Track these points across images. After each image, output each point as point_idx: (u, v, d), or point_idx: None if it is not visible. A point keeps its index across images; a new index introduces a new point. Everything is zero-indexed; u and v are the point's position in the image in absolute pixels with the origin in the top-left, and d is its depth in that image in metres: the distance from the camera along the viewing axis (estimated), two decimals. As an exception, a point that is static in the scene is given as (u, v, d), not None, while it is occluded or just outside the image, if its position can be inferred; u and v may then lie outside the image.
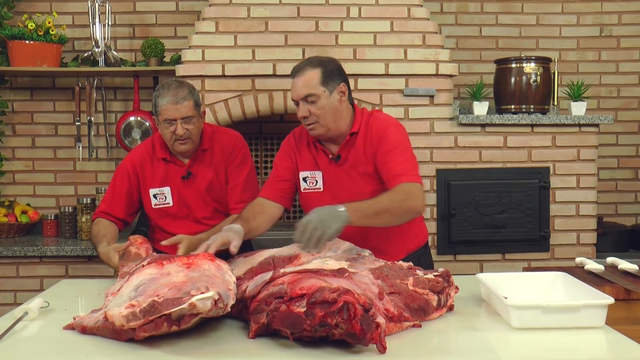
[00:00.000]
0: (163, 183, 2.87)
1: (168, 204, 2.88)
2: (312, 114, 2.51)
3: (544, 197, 4.02)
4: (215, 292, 1.70)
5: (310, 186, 2.65)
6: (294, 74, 2.56)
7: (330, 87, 2.52)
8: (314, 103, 2.50)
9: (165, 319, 1.67)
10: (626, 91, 4.78)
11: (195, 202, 2.87)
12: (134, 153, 2.96)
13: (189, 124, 2.74)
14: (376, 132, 2.58)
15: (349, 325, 1.61)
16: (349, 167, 2.60)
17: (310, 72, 2.52)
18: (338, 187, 2.60)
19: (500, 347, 1.81)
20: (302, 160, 2.69)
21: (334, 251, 2.20)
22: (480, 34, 4.72)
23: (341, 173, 2.61)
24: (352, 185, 2.58)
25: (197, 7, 4.40)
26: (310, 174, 2.65)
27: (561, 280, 2.17)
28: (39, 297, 2.18)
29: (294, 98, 2.56)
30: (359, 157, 2.59)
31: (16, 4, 4.41)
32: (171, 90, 2.74)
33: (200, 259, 1.95)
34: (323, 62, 2.58)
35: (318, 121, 2.53)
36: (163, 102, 2.72)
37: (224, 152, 2.90)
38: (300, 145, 2.72)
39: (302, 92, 2.51)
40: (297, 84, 2.54)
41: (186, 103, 2.72)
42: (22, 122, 4.51)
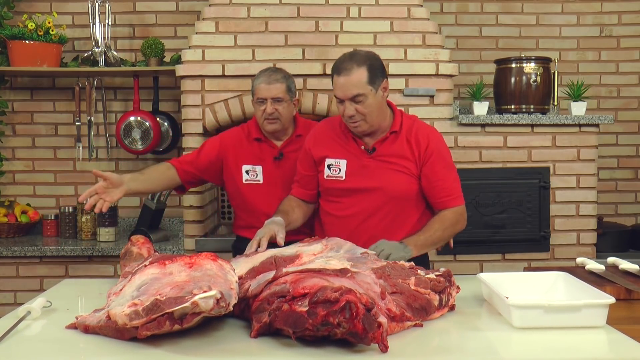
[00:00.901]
0: (256, 161, 3.05)
1: (258, 181, 3.04)
2: (359, 112, 2.56)
3: (544, 197, 4.02)
4: (218, 291, 1.70)
5: (333, 174, 2.72)
6: (339, 71, 2.55)
7: (376, 86, 2.56)
8: (362, 102, 2.54)
9: (167, 318, 1.67)
10: (626, 91, 4.79)
11: (283, 182, 2.99)
12: (229, 132, 3.18)
13: (279, 105, 2.95)
14: (426, 140, 2.67)
15: (351, 324, 1.61)
16: (383, 160, 2.66)
17: (357, 71, 2.53)
18: (361, 176, 2.67)
19: (501, 346, 1.81)
20: (329, 148, 2.75)
21: (335, 251, 2.20)
22: (480, 34, 4.72)
23: (372, 164, 2.67)
24: (382, 175, 2.65)
25: (197, 7, 4.40)
26: (334, 162, 2.72)
27: (562, 280, 2.18)
28: (42, 297, 2.18)
29: (340, 97, 2.57)
30: (397, 153, 2.66)
31: (16, 4, 4.41)
32: (267, 72, 3.03)
33: (203, 259, 1.95)
34: (369, 58, 2.59)
35: (365, 119, 2.58)
36: (257, 82, 2.99)
37: None
38: (330, 133, 2.78)
39: (350, 93, 2.53)
40: (344, 84, 2.54)
41: (278, 85, 2.96)
42: (22, 122, 4.51)
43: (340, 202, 2.72)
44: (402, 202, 2.68)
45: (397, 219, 2.68)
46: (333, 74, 2.58)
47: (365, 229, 2.65)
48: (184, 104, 3.90)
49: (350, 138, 2.70)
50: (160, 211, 4.20)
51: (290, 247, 2.30)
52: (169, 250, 3.98)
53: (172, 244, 4.12)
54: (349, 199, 2.69)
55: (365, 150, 2.68)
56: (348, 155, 2.69)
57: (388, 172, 2.65)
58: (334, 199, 2.74)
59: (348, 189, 2.68)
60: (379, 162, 2.66)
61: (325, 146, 2.75)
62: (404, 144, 2.67)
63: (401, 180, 2.65)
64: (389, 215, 2.67)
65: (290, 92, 3.01)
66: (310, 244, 2.31)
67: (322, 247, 2.25)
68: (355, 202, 2.68)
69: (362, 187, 2.66)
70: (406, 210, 2.70)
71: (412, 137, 2.67)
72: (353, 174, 2.68)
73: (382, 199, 2.66)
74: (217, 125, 3.92)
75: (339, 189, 2.70)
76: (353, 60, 2.55)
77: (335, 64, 2.59)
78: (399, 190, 2.65)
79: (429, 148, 2.66)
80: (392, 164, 2.66)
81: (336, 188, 2.71)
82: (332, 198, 2.75)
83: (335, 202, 2.74)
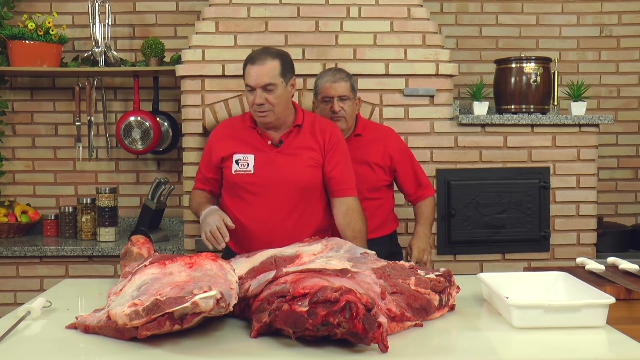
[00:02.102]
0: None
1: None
2: (268, 102, 2.68)
3: (544, 197, 4.02)
4: (218, 291, 1.70)
5: (241, 168, 2.79)
6: (253, 61, 2.69)
7: (286, 79, 2.72)
8: (272, 92, 2.67)
9: (167, 318, 1.67)
10: (626, 91, 4.79)
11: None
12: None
13: (343, 103, 3.12)
14: (329, 131, 2.85)
15: (351, 324, 1.61)
16: (290, 153, 2.78)
17: (272, 62, 2.68)
18: (269, 170, 2.76)
19: (501, 346, 1.81)
20: (236, 144, 2.83)
21: (335, 251, 2.20)
22: (480, 34, 4.72)
23: (279, 157, 2.78)
24: (290, 167, 2.76)
25: (197, 7, 4.40)
26: (242, 157, 2.80)
27: (562, 280, 2.18)
28: (42, 297, 2.18)
29: (252, 85, 2.68)
30: (303, 145, 2.80)
31: (16, 4, 4.41)
32: (331, 71, 3.21)
33: (203, 259, 1.95)
34: (281, 54, 2.76)
35: (273, 109, 2.70)
36: (322, 81, 3.16)
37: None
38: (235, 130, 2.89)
39: (262, 81, 2.66)
40: (258, 72, 2.67)
41: (343, 84, 3.13)
42: (22, 122, 4.51)
43: (249, 197, 2.77)
44: (309, 193, 2.80)
45: (307, 210, 2.80)
46: (246, 64, 2.70)
47: (279, 223, 2.74)
48: (184, 104, 3.90)
49: (256, 133, 2.80)
50: (160, 211, 4.20)
51: (290, 247, 2.30)
52: (169, 250, 3.99)
53: (172, 244, 4.12)
54: (259, 193, 2.75)
55: (272, 145, 2.78)
56: (255, 150, 2.78)
57: (296, 164, 2.77)
58: (244, 194, 2.78)
59: (257, 183, 2.75)
60: (286, 155, 2.77)
61: (232, 143, 2.82)
62: (307, 135, 2.81)
63: (308, 171, 2.78)
64: (299, 207, 2.78)
65: (353, 90, 3.17)
66: (310, 244, 2.31)
67: (322, 247, 2.25)
68: (265, 195, 2.75)
69: (271, 180, 2.74)
70: (313, 201, 2.82)
71: (316, 129, 2.84)
72: (262, 168, 2.75)
73: (292, 191, 2.75)
74: (217, 125, 3.92)
75: (248, 183, 2.76)
76: (267, 53, 2.72)
77: (250, 56, 2.73)
78: (306, 182, 2.77)
79: (332, 138, 2.84)
80: (299, 156, 2.78)
81: (245, 182, 2.76)
82: (241, 193, 2.79)
83: (244, 198, 2.78)
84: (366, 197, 3.09)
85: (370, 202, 3.14)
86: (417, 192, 3.30)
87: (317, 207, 2.85)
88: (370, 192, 3.17)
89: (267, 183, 2.74)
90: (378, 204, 3.22)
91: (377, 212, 3.18)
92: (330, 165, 2.82)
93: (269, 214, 2.74)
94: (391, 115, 3.93)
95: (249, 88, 2.70)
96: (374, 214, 3.12)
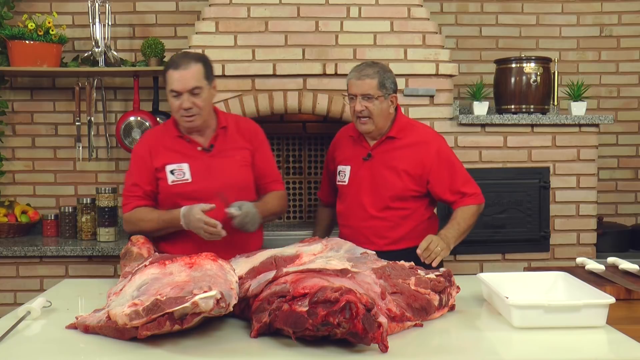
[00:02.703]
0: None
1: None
2: (196, 105, 2.66)
3: (544, 197, 4.02)
4: (218, 291, 1.70)
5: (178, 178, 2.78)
6: (177, 65, 2.66)
7: (209, 82, 2.72)
8: (199, 95, 2.65)
9: (167, 318, 1.67)
10: (626, 91, 4.78)
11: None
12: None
13: (368, 102, 2.84)
14: (253, 129, 2.91)
15: (351, 324, 1.61)
16: (223, 155, 2.78)
17: (196, 65, 2.66)
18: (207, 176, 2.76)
19: (501, 346, 1.81)
20: (167, 155, 2.79)
21: (335, 251, 2.21)
22: (480, 34, 4.72)
23: (214, 161, 2.78)
24: (226, 170, 2.77)
25: (197, 7, 4.39)
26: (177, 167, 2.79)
27: (562, 280, 2.18)
28: (42, 297, 2.18)
29: (178, 89, 2.65)
30: (233, 146, 2.82)
31: (16, 4, 4.40)
32: (361, 66, 2.91)
33: (203, 259, 1.95)
34: (203, 57, 2.80)
35: (200, 113, 2.69)
36: (349, 76, 2.91)
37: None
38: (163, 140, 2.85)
39: (189, 85, 2.63)
40: (184, 76, 2.64)
41: (368, 81, 2.84)
42: (22, 122, 4.50)
43: (190, 204, 2.69)
44: (246, 192, 2.81)
45: None
46: (169, 69, 2.66)
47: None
48: (184, 104, 3.90)
49: (184, 141, 2.77)
50: (160, 211, 4.19)
51: (290, 247, 2.31)
52: (169, 250, 3.98)
53: (172, 244, 4.11)
54: (200, 199, 2.69)
55: (203, 150, 2.76)
56: (188, 158, 2.75)
57: (231, 166, 2.77)
58: (184, 202, 2.70)
59: (197, 190, 2.72)
60: (220, 159, 2.77)
61: (162, 153, 2.77)
62: (235, 136, 2.82)
63: (243, 171, 2.80)
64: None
65: (384, 88, 2.85)
66: (310, 244, 2.31)
67: (322, 247, 2.25)
68: (206, 200, 2.68)
69: (210, 185, 2.72)
70: (249, 200, 2.78)
71: (241, 128, 2.86)
72: (198, 175, 2.73)
73: (231, 193, 2.73)
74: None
75: (187, 192, 2.72)
76: (189, 57, 2.70)
77: (171, 61, 2.68)
78: (243, 182, 2.80)
79: (258, 136, 2.89)
80: (232, 157, 2.79)
81: (184, 192, 2.73)
82: (181, 202, 2.71)
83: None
84: (389, 206, 2.89)
85: (394, 212, 2.90)
86: (458, 201, 2.95)
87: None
88: (394, 201, 2.90)
89: (207, 189, 2.71)
90: (403, 214, 2.91)
91: (402, 223, 2.90)
92: (260, 163, 2.87)
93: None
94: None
95: (174, 93, 2.66)
96: (398, 225, 2.90)
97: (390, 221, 2.88)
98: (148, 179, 2.78)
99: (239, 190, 2.77)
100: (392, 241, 2.85)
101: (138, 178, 2.79)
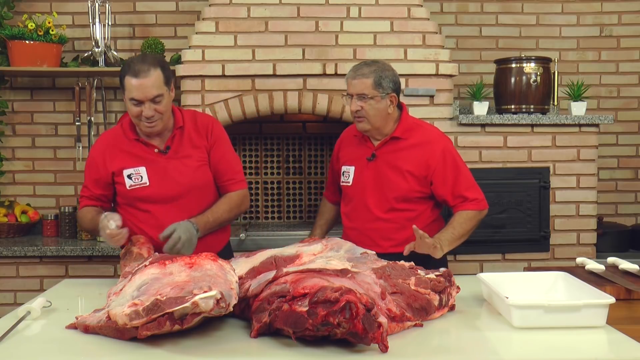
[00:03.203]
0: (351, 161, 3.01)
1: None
2: (157, 112, 2.60)
3: (544, 197, 4.02)
4: (218, 291, 1.70)
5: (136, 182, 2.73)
6: (136, 74, 2.56)
7: (169, 86, 2.65)
8: (160, 102, 2.59)
9: (167, 318, 1.67)
10: (626, 91, 4.78)
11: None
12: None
13: (363, 102, 2.78)
14: (210, 126, 2.82)
15: (351, 324, 1.61)
16: (180, 157, 2.73)
17: (155, 72, 2.58)
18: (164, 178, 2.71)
19: (501, 346, 1.81)
20: (123, 159, 2.73)
21: (335, 251, 2.21)
22: (480, 34, 4.72)
23: (171, 164, 2.73)
24: (183, 172, 2.72)
25: (197, 7, 4.39)
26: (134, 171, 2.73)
27: (562, 280, 2.18)
28: (42, 297, 2.18)
29: (139, 98, 2.57)
30: (190, 145, 2.76)
31: (16, 4, 4.40)
32: (358, 65, 2.83)
33: (203, 259, 1.95)
34: (160, 61, 2.67)
35: (162, 118, 2.64)
36: (346, 75, 2.83)
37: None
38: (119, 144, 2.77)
39: (151, 93, 2.56)
40: (144, 85, 2.56)
41: (364, 80, 2.76)
42: (22, 122, 4.51)
43: (149, 207, 2.70)
44: (205, 192, 2.78)
45: (199, 207, 2.74)
46: (126, 75, 2.57)
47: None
48: (184, 104, 3.90)
49: (141, 144, 2.72)
50: (160, 211, 4.19)
51: (290, 247, 2.31)
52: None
53: (172, 244, 4.11)
54: (159, 201, 2.70)
55: (160, 152, 2.72)
56: (145, 162, 2.71)
57: (188, 167, 2.73)
58: (143, 205, 2.71)
59: (155, 193, 2.69)
60: (177, 160, 2.73)
61: (119, 157, 2.72)
62: (192, 134, 2.77)
63: (201, 171, 2.75)
64: (200, 208, 2.73)
65: (380, 87, 2.76)
66: (310, 244, 2.31)
67: (322, 247, 2.25)
68: (165, 202, 2.70)
69: (168, 187, 2.69)
70: (209, 199, 2.79)
71: (199, 126, 2.79)
72: (156, 178, 2.70)
73: (190, 194, 2.72)
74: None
75: (146, 196, 2.70)
76: (148, 63, 2.58)
77: (130, 68, 2.58)
78: (202, 182, 2.76)
79: (214, 133, 2.80)
80: (189, 157, 2.74)
81: (143, 195, 2.70)
82: (140, 205, 2.72)
83: (145, 210, 2.72)
84: (394, 208, 2.84)
85: (399, 214, 2.84)
86: (459, 205, 2.86)
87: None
88: (399, 203, 2.84)
89: (165, 192, 2.69)
90: (408, 216, 2.85)
91: (406, 225, 2.77)
92: (215, 160, 2.80)
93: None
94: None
95: (134, 102, 2.58)
96: (403, 226, 2.81)
97: (396, 223, 2.84)
98: (98, 183, 2.76)
99: (198, 190, 2.75)
100: (398, 243, 2.77)
101: (88, 181, 2.80)
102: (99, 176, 2.75)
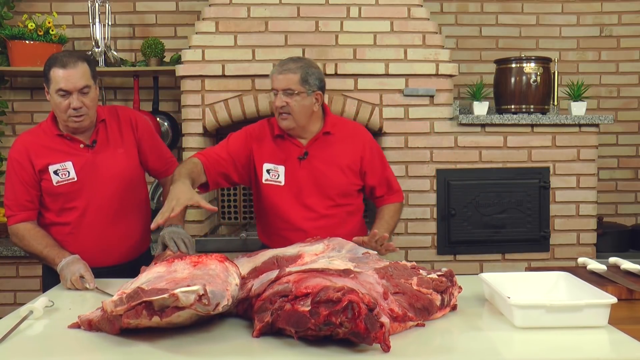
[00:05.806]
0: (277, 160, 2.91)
1: (279, 183, 2.95)
2: (85, 105, 2.61)
3: (544, 197, 4.02)
4: (201, 287, 1.68)
5: (63, 178, 2.70)
6: (64, 65, 2.57)
7: (95, 80, 2.68)
8: (87, 95, 2.61)
9: (145, 307, 1.66)
10: (626, 91, 4.79)
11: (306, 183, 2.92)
12: (253, 125, 2.97)
13: (289, 98, 2.73)
14: (134, 122, 2.84)
15: (354, 324, 1.61)
16: (105, 151, 2.74)
17: (82, 64, 2.60)
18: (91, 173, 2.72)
19: (503, 346, 1.81)
20: (50, 155, 2.71)
21: (337, 251, 2.20)
22: (480, 34, 4.73)
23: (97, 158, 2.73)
24: (110, 166, 2.74)
25: (197, 7, 4.40)
26: (60, 166, 2.70)
27: (564, 280, 2.18)
28: (44, 297, 2.18)
29: (68, 89, 2.58)
30: (114, 141, 2.77)
31: (16, 4, 4.40)
32: (286, 60, 2.80)
33: (210, 259, 1.95)
34: (87, 56, 2.70)
35: (88, 112, 2.65)
36: (272, 70, 2.78)
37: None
38: (46, 141, 2.74)
39: (80, 84, 2.58)
40: (73, 75, 2.58)
41: (290, 75, 2.73)
42: (22, 122, 4.50)
43: (77, 203, 2.70)
44: (133, 186, 2.80)
45: (135, 204, 2.82)
46: (53, 67, 2.58)
47: (112, 221, 2.73)
48: (184, 104, 3.90)
49: (66, 140, 2.71)
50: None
51: (292, 247, 2.31)
52: (169, 250, 3.97)
53: (172, 244, 4.10)
54: (86, 197, 2.70)
55: (86, 147, 2.72)
56: (71, 157, 2.70)
57: (115, 160, 2.74)
58: (70, 203, 2.70)
59: (82, 189, 2.69)
60: (103, 154, 2.73)
61: (44, 154, 2.70)
62: (115, 129, 2.78)
63: (127, 165, 2.77)
64: (129, 202, 2.78)
65: (307, 84, 2.73)
66: (312, 244, 2.31)
67: (323, 247, 2.25)
68: (93, 197, 2.70)
69: (95, 181, 2.70)
70: (140, 193, 2.85)
71: (122, 121, 2.81)
72: (83, 173, 2.69)
73: (118, 188, 2.74)
74: (217, 126, 3.92)
75: (73, 192, 2.69)
76: (75, 57, 2.62)
77: (56, 60, 2.59)
78: (129, 175, 2.78)
79: (139, 128, 2.83)
80: (115, 151, 2.75)
81: (70, 191, 2.69)
82: (67, 203, 2.71)
83: (72, 207, 2.71)
84: (338, 204, 2.84)
85: (341, 209, 2.85)
86: (385, 195, 2.95)
87: (146, 200, 2.94)
88: (341, 198, 2.85)
89: (92, 186, 2.69)
90: (349, 210, 2.88)
91: (348, 220, 2.86)
92: (144, 155, 2.84)
93: (100, 215, 2.68)
94: (391, 116, 3.93)
95: (62, 92, 2.57)
96: (345, 221, 2.85)
97: (338, 218, 2.83)
98: (30, 184, 2.69)
99: (126, 184, 2.76)
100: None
101: (16, 187, 2.69)
102: (27, 176, 2.68)
